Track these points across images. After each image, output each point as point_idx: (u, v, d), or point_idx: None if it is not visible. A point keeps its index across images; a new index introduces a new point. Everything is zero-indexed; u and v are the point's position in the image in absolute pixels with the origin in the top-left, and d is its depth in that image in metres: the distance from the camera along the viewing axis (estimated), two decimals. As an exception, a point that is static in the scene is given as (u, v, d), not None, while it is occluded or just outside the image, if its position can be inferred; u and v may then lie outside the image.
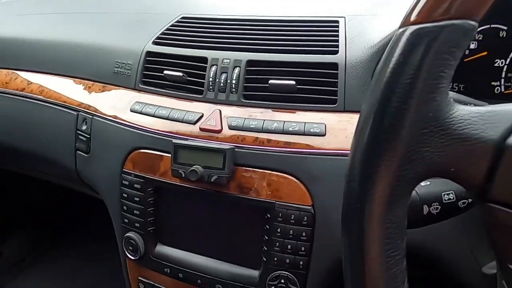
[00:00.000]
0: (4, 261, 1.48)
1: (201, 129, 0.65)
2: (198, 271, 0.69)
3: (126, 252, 0.74)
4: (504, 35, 0.61)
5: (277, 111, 0.64)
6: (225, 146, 0.61)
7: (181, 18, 0.81)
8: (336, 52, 0.64)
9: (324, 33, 0.67)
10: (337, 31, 0.67)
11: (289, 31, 0.69)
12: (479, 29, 0.62)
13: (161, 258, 0.72)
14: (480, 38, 0.63)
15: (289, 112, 0.64)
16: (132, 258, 0.74)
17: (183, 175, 0.63)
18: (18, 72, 0.95)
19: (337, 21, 0.70)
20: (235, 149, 0.62)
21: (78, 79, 0.86)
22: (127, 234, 0.74)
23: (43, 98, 0.87)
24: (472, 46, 0.63)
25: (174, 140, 0.64)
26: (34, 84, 0.91)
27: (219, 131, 0.64)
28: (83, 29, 0.90)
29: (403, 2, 0.69)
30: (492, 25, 0.61)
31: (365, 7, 0.72)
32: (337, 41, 0.65)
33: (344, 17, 0.70)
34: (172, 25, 0.80)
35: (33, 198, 1.60)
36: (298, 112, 0.63)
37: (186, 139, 0.65)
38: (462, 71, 0.63)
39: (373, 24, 0.66)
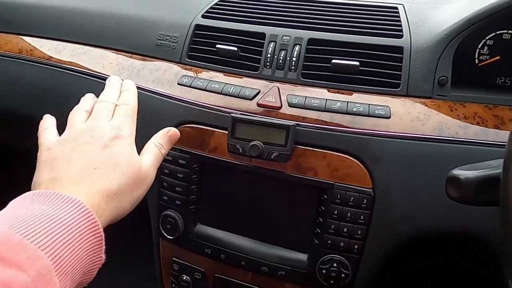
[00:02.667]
0: None
1: (259, 105, 0.63)
2: (242, 253, 0.67)
3: (163, 231, 0.71)
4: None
5: (338, 91, 0.63)
6: (288, 122, 0.59)
7: (229, -6, 0.79)
8: (400, 36, 0.63)
9: (386, 17, 0.67)
10: (399, 16, 0.67)
11: (350, 13, 0.68)
12: (487, 36, 0.63)
13: (202, 238, 0.69)
14: (491, 44, 0.63)
15: (351, 93, 0.63)
16: (170, 237, 0.71)
17: (240, 150, 0.61)
18: (44, 40, 0.90)
19: (396, 7, 0.69)
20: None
21: (113, 50, 0.82)
22: (165, 212, 0.71)
23: (74, 67, 0.83)
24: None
25: (233, 114, 0.62)
26: (62, 53, 0.86)
27: (279, 108, 0.62)
28: (124, 1, 0.86)
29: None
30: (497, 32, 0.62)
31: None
32: (401, 25, 0.65)
33: (402, 4, 0.70)
34: (222, 0, 0.77)
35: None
36: (360, 94, 0.62)
37: (244, 114, 0.63)
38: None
39: (436, 12, 0.66)
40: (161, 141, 0.57)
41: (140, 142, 0.73)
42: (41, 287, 0.35)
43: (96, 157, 0.48)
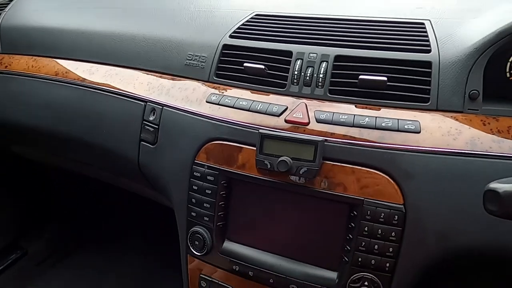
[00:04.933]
0: (28, 260, 1.44)
1: (286, 121, 0.64)
2: (271, 270, 0.66)
3: (191, 247, 0.72)
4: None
5: (366, 107, 0.63)
6: (316, 138, 0.60)
7: (255, 15, 0.81)
8: (428, 51, 0.63)
9: (413, 32, 0.67)
10: (426, 31, 0.67)
11: (376, 29, 0.69)
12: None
13: (230, 255, 0.69)
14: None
15: (379, 108, 0.63)
16: (198, 254, 0.71)
17: (269, 166, 0.61)
18: (79, 63, 0.94)
19: (422, 23, 0.69)
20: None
21: (144, 71, 0.85)
22: (193, 229, 0.71)
23: (106, 88, 0.86)
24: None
25: (261, 130, 0.63)
26: (96, 74, 0.90)
27: (307, 124, 0.63)
28: (152, 23, 0.90)
29: (490, 9, 0.69)
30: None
31: (449, 13, 0.72)
32: (428, 40, 0.65)
33: (429, 20, 0.70)
34: (248, 21, 0.79)
35: (58, 195, 1.57)
36: (388, 109, 0.62)
37: (272, 130, 0.63)
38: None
39: (463, 27, 0.66)
40: None
41: (165, 160, 0.75)
42: None
43: None
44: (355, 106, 0.64)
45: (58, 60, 0.98)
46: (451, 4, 0.76)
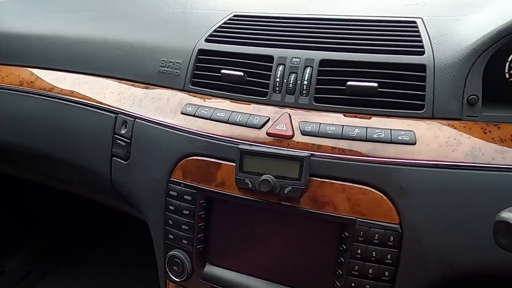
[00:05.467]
0: (6, 278, 1.37)
1: (268, 134, 0.58)
2: (256, 297, 0.60)
3: (170, 273, 0.66)
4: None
5: (355, 116, 0.57)
6: (302, 153, 0.54)
7: (233, 16, 0.75)
8: (422, 53, 0.57)
9: (404, 32, 0.61)
10: (418, 31, 0.61)
11: (364, 30, 0.63)
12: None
13: (212, 280, 0.64)
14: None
15: (370, 117, 0.57)
16: (177, 279, 0.65)
17: (250, 186, 0.56)
18: (46, 71, 0.87)
19: (414, 22, 0.64)
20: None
21: (115, 79, 0.78)
22: (171, 252, 0.65)
23: (75, 99, 0.79)
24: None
25: (240, 146, 0.57)
26: (63, 83, 0.83)
27: (291, 137, 0.57)
28: (123, 27, 0.83)
29: (488, 4, 0.63)
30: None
31: (442, 9, 0.67)
32: (421, 41, 0.59)
33: (421, 18, 0.64)
34: (225, 23, 0.73)
35: (36, 207, 1.50)
36: (379, 118, 0.57)
37: (252, 145, 0.57)
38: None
39: (459, 25, 0.60)
40: None
41: (138, 177, 0.69)
42: None
43: None
44: (344, 115, 0.58)
45: (23, 69, 0.90)
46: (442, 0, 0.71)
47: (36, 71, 0.88)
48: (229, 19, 0.74)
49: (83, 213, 1.50)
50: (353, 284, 0.55)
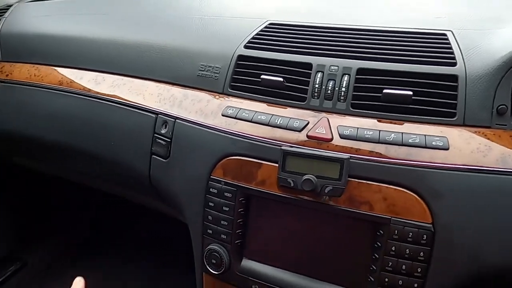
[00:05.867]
0: (28, 272, 1.41)
1: (308, 137, 0.62)
2: (292, 290, 0.64)
3: (208, 266, 0.69)
4: None
5: (390, 122, 0.61)
6: (342, 155, 0.58)
7: (269, 24, 0.79)
8: (454, 64, 0.61)
9: (436, 44, 0.65)
10: (449, 43, 0.65)
11: (398, 41, 0.67)
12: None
13: (248, 273, 0.67)
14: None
15: (404, 123, 0.61)
16: (215, 272, 0.69)
17: (292, 184, 0.59)
18: (84, 72, 0.91)
19: (445, 34, 0.68)
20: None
21: (153, 81, 0.82)
22: (209, 246, 0.69)
23: (114, 99, 0.83)
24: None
25: (284, 147, 0.60)
26: (102, 84, 0.87)
27: (330, 140, 0.61)
28: (160, 32, 0.87)
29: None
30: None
31: (470, 23, 0.70)
32: (453, 53, 0.63)
33: (451, 31, 0.68)
34: (262, 30, 0.77)
35: (59, 206, 1.54)
36: (413, 124, 0.60)
37: (294, 147, 0.61)
38: None
39: (489, 38, 0.64)
40: None
41: (178, 174, 0.73)
42: None
43: None
44: (379, 120, 0.62)
45: (62, 69, 0.95)
46: (470, 13, 0.75)
47: (74, 71, 0.92)
48: (266, 27, 0.78)
49: (105, 210, 1.54)
50: (386, 280, 0.58)
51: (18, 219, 1.45)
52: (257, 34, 0.76)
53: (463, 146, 0.57)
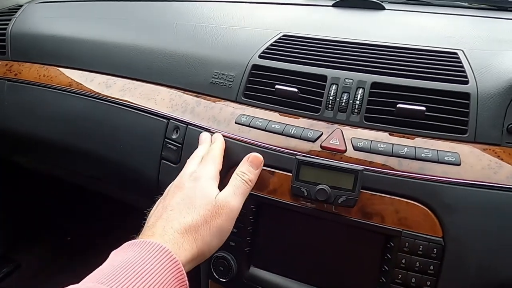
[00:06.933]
0: (22, 274, 1.38)
1: (322, 148, 0.63)
2: (300, 300, 0.64)
3: (215, 273, 0.69)
4: None
5: (403, 136, 0.62)
6: (357, 167, 0.58)
7: (282, 36, 0.80)
8: (466, 82, 0.63)
9: (447, 62, 0.67)
10: (460, 61, 0.67)
11: (411, 57, 0.68)
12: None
13: (256, 282, 0.67)
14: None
15: (415, 138, 0.62)
16: (222, 280, 0.69)
17: (305, 194, 0.60)
18: (94, 74, 0.91)
19: (456, 53, 0.69)
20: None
21: (166, 86, 0.83)
22: (217, 254, 0.69)
23: (125, 102, 0.83)
24: None
25: (299, 156, 0.61)
26: (113, 87, 0.87)
27: (343, 151, 0.62)
28: (173, 38, 0.88)
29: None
30: None
31: (480, 43, 0.73)
32: (464, 71, 0.64)
33: (462, 50, 0.70)
34: (276, 41, 0.78)
35: (53, 204, 1.52)
36: (425, 139, 0.62)
37: (308, 157, 0.62)
38: None
39: (500, 59, 0.66)
40: (242, 169, 0.60)
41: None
42: None
43: (172, 201, 0.55)
44: (390, 134, 0.63)
45: (71, 71, 0.95)
46: (479, 34, 0.77)
47: (85, 73, 0.92)
48: (280, 38, 0.79)
49: (101, 212, 1.52)
50: (395, 292, 0.59)
51: (11, 220, 1.43)
52: (271, 44, 0.78)
53: (475, 163, 0.58)
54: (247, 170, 0.60)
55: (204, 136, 0.68)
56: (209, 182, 0.57)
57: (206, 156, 0.62)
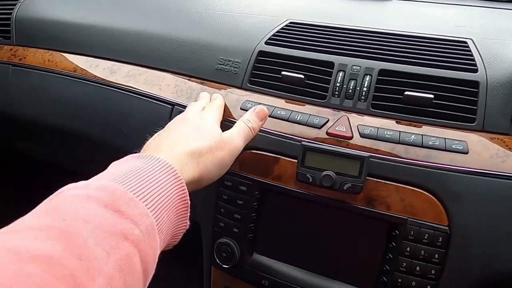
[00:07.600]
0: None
1: (328, 134, 0.62)
2: (302, 286, 0.64)
3: (217, 259, 0.69)
4: None
5: (410, 123, 0.62)
6: (363, 153, 0.58)
7: (289, 23, 0.79)
8: (475, 71, 0.62)
9: (457, 51, 0.66)
10: (470, 50, 0.66)
11: (420, 45, 0.67)
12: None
13: (259, 268, 0.67)
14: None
15: (423, 126, 0.61)
16: (225, 266, 0.68)
17: (311, 180, 0.59)
18: (99, 60, 0.91)
19: (465, 42, 0.68)
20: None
21: (170, 73, 0.82)
22: (220, 240, 0.69)
23: (130, 88, 0.83)
24: None
25: (304, 142, 0.60)
26: (118, 73, 0.87)
27: (350, 138, 0.61)
28: (178, 24, 0.87)
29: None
30: None
31: (489, 33, 0.72)
32: (474, 60, 0.64)
33: (471, 39, 0.69)
34: (283, 28, 0.78)
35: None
36: (432, 127, 0.61)
37: (314, 143, 0.61)
38: None
39: (508, 49, 0.65)
40: (247, 117, 0.62)
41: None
42: (147, 242, 0.39)
43: (178, 130, 0.57)
44: (397, 122, 0.62)
45: (76, 56, 0.94)
46: (489, 25, 0.76)
47: (89, 59, 0.92)
48: (286, 25, 0.78)
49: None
50: (399, 280, 0.58)
51: (16, 208, 1.43)
52: (278, 31, 0.77)
53: (482, 151, 0.57)
54: (252, 119, 0.61)
55: (204, 93, 0.70)
56: (214, 123, 0.60)
57: (208, 106, 0.64)
